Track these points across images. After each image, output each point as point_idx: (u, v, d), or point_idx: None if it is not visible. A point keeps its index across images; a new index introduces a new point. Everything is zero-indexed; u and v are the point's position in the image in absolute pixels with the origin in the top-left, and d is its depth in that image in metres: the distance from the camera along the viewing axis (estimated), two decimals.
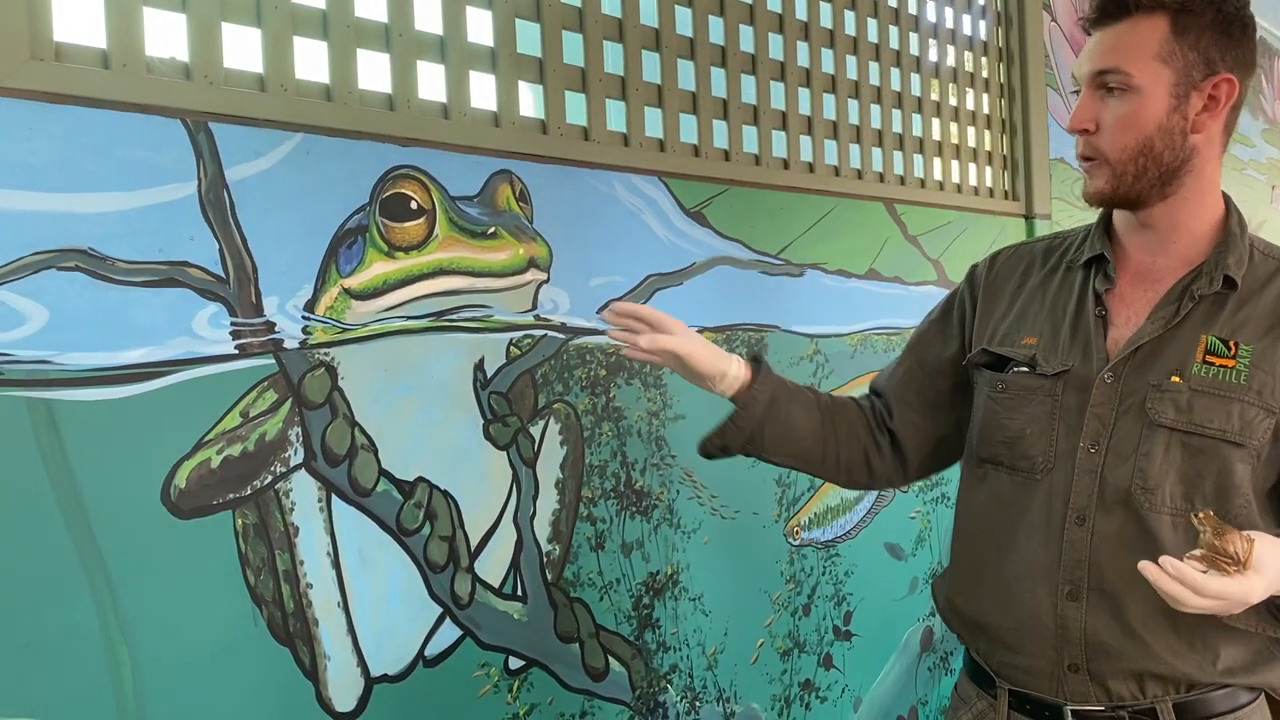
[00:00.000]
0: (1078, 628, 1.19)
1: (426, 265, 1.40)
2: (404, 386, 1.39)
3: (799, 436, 1.34)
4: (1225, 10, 1.16)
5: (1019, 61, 2.72)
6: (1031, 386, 1.25)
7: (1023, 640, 1.23)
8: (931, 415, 1.39)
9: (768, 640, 1.97)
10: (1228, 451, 1.15)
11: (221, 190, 1.21)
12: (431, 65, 1.45)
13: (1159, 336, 1.19)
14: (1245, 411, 1.14)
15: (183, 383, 1.18)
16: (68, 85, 1.10)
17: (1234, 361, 1.16)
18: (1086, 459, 1.20)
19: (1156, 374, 1.18)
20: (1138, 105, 1.16)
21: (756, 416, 1.31)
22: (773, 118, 2.00)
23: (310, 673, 1.29)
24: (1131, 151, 1.17)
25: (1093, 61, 1.18)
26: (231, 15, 1.24)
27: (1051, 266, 1.32)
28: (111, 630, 1.12)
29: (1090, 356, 1.22)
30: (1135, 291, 1.24)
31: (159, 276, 1.16)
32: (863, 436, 1.38)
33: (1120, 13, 1.17)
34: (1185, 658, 1.16)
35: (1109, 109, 1.17)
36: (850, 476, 1.40)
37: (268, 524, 1.25)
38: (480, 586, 1.47)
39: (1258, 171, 4.32)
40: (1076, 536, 1.19)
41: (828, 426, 1.36)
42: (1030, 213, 2.72)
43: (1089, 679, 1.20)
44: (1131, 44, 1.16)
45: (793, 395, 1.35)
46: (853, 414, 1.39)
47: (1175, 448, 1.16)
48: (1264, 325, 1.17)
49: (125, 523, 1.13)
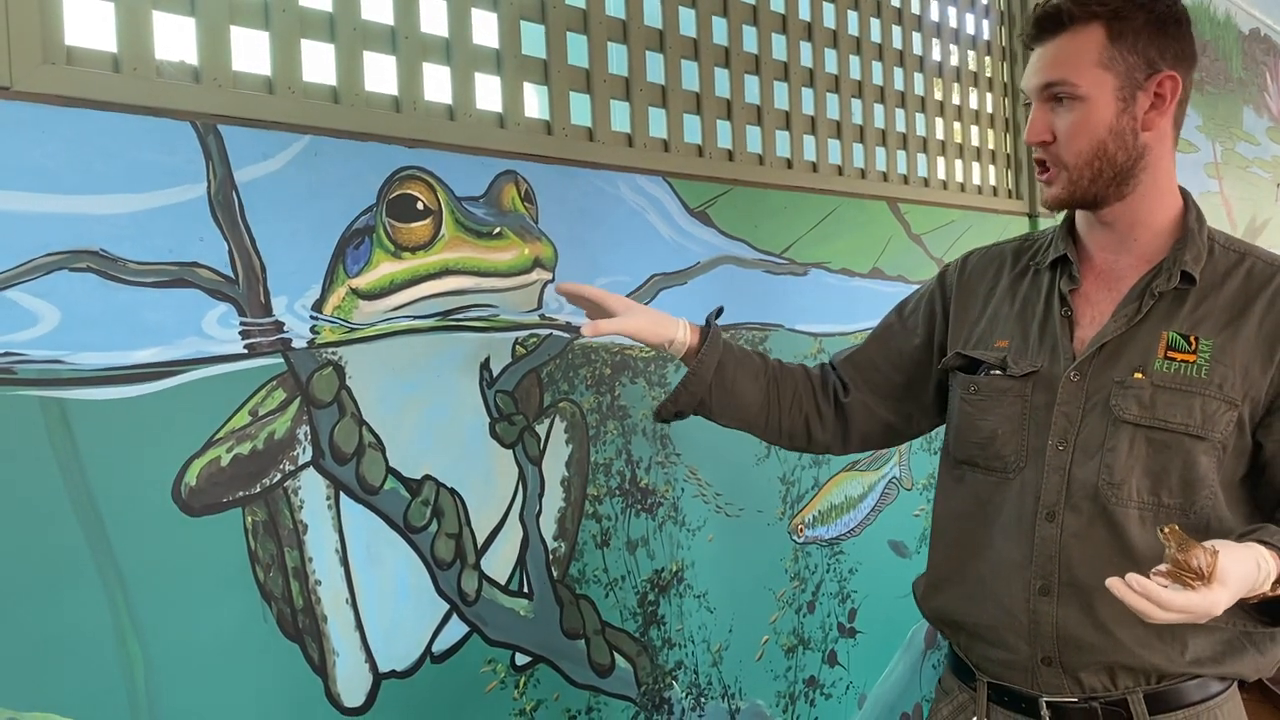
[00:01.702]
0: (1050, 622, 1.22)
1: (433, 265, 1.42)
2: (411, 385, 1.40)
3: (745, 403, 1.41)
4: (1157, 10, 1.20)
5: (1023, 61, 2.72)
6: (1002, 388, 1.28)
7: (999, 635, 1.26)
8: (883, 402, 1.46)
9: (772, 637, 1.98)
10: (1191, 445, 1.17)
11: (230, 191, 1.22)
12: (437, 67, 1.46)
13: (1122, 334, 1.22)
14: (1207, 405, 1.17)
15: (192, 382, 1.19)
16: (79, 88, 1.11)
17: (1195, 356, 1.19)
18: (1055, 456, 1.23)
19: (1120, 371, 1.21)
20: (1086, 112, 1.20)
21: (705, 381, 1.39)
22: (776, 117, 2.01)
23: (319, 669, 1.30)
24: (1086, 156, 1.21)
25: (1038, 76, 1.22)
26: (240, 19, 1.26)
27: (1021, 269, 1.35)
28: (124, 626, 1.13)
29: (1058, 356, 1.25)
30: (1099, 291, 1.27)
31: (169, 277, 1.17)
32: (805, 404, 1.44)
33: (1057, 27, 1.21)
34: (1154, 650, 1.19)
35: (1060, 119, 1.21)
36: (791, 441, 1.47)
37: (277, 521, 1.26)
38: (487, 583, 1.49)
39: (1262, 169, 4.32)
40: (1047, 533, 1.22)
41: (772, 392, 1.43)
42: (1033, 211, 2.73)
43: (1062, 671, 1.23)
44: (1072, 55, 1.20)
45: (740, 361, 1.42)
46: (799, 381, 1.45)
47: (1140, 443, 1.19)
48: (1223, 319, 1.20)
49: (137, 520, 1.14)
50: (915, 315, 1.45)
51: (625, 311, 1.39)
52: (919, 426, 1.49)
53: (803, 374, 1.46)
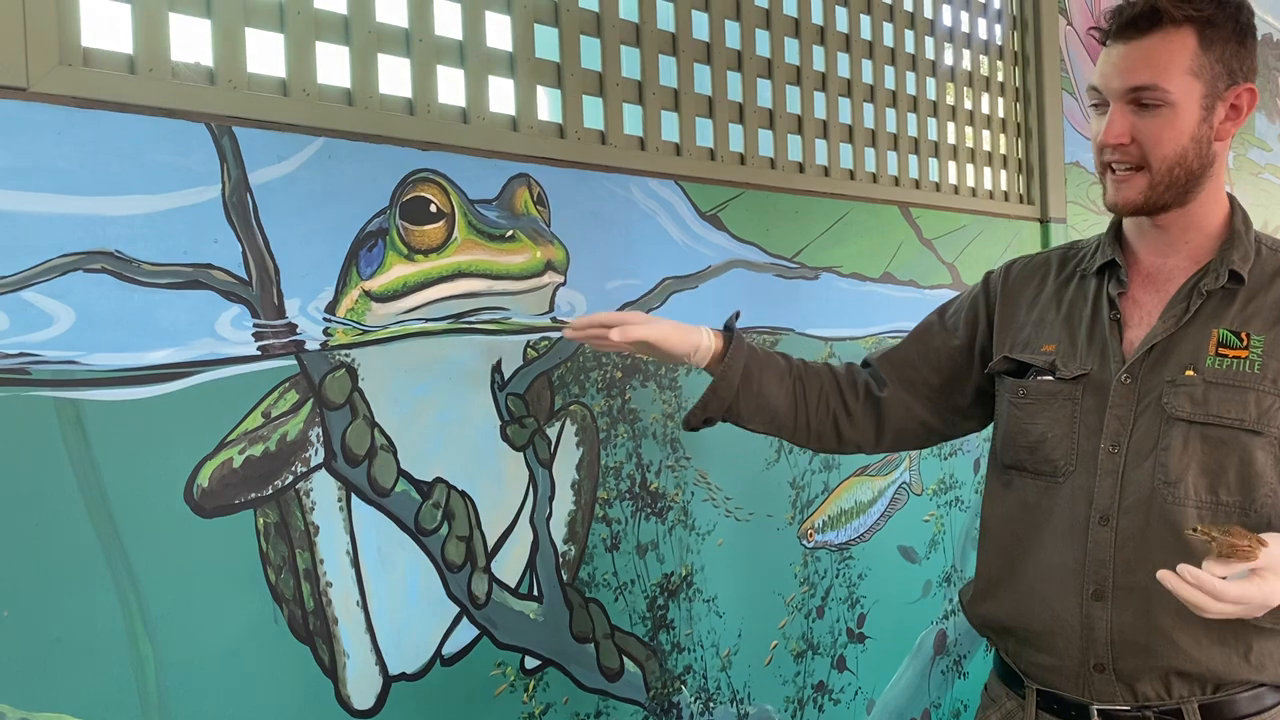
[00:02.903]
0: (1104, 627, 1.20)
1: (446, 268, 1.42)
2: (423, 388, 1.40)
3: (773, 405, 1.41)
4: (1241, 21, 1.19)
5: (1034, 65, 2.72)
6: (1052, 391, 1.27)
7: (1049, 641, 1.25)
8: (918, 401, 1.44)
9: (781, 642, 1.98)
10: (1247, 440, 1.16)
11: (245, 193, 1.23)
12: (451, 70, 1.46)
13: (1171, 335, 1.21)
14: (1261, 400, 1.16)
15: (206, 383, 1.19)
16: (95, 90, 1.11)
17: (1247, 352, 1.18)
18: (1108, 460, 1.21)
19: (1171, 370, 1.20)
20: (1173, 118, 1.17)
21: (733, 386, 1.38)
22: (788, 121, 2.01)
23: (329, 671, 1.30)
24: (1169, 162, 1.19)
25: (1124, 78, 1.18)
26: (255, 21, 1.26)
27: (1066, 275, 1.34)
28: (136, 627, 1.13)
29: (1108, 359, 1.24)
30: (1147, 293, 1.26)
31: (183, 278, 1.17)
32: (832, 402, 1.43)
33: (1149, 27, 1.17)
34: (1214, 654, 1.17)
35: (1145, 123, 1.18)
36: (821, 442, 1.45)
37: (288, 523, 1.26)
38: (497, 586, 1.49)
39: (1275, 175, 4.31)
40: (1100, 537, 1.21)
41: (799, 392, 1.42)
42: (1045, 216, 2.72)
43: (1115, 679, 1.21)
44: (1164, 59, 1.16)
45: (765, 365, 1.41)
46: (825, 379, 1.44)
47: (1194, 440, 1.17)
48: (1273, 316, 1.19)
49: (149, 521, 1.14)
50: (957, 317, 1.44)
51: (648, 323, 1.36)
52: (956, 429, 1.48)
53: (828, 372, 1.45)
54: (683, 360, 1.39)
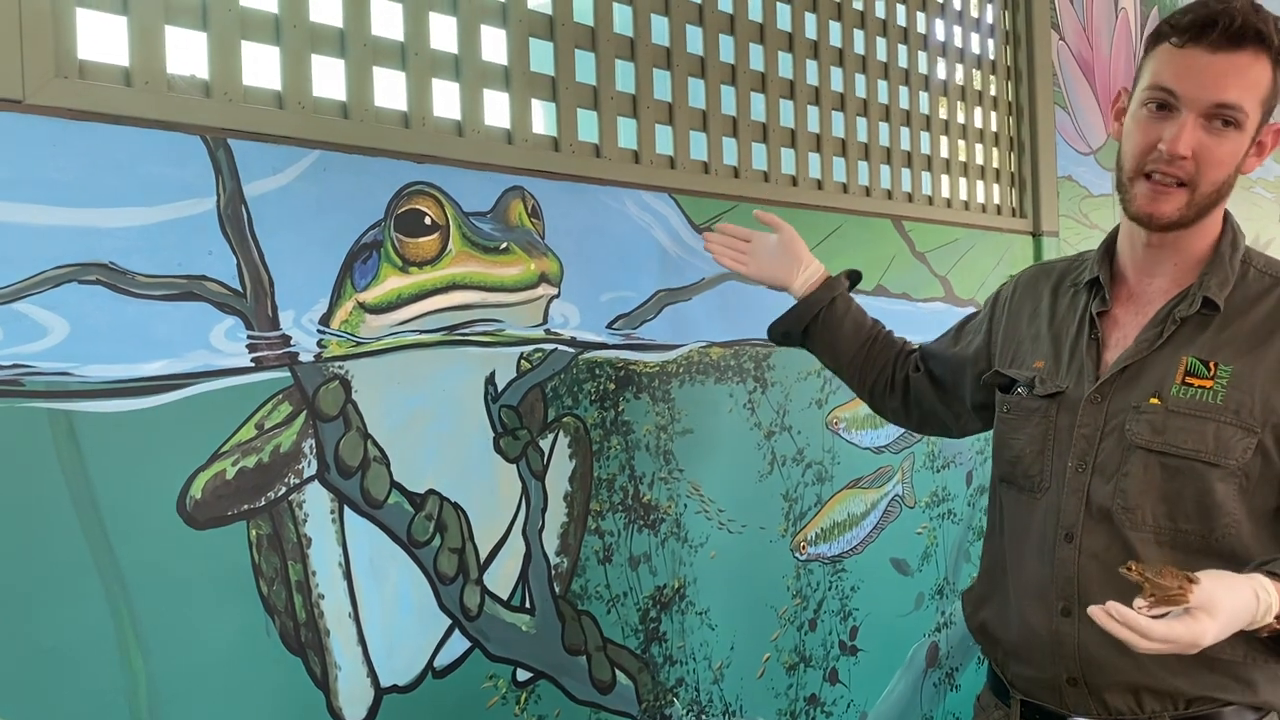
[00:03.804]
0: (1072, 643, 1.22)
1: (440, 280, 1.42)
2: (416, 400, 1.40)
3: (842, 347, 1.59)
4: None
5: (1027, 80, 2.74)
6: (1030, 407, 1.28)
7: (1028, 653, 1.26)
8: (937, 390, 1.55)
9: (774, 655, 1.98)
10: (1204, 471, 1.15)
11: (240, 206, 1.23)
12: (446, 83, 1.47)
13: (1144, 358, 1.21)
14: (1221, 431, 1.15)
15: (199, 395, 1.19)
16: (91, 102, 1.12)
17: (1211, 382, 1.17)
18: (1075, 478, 1.22)
19: (1137, 396, 1.20)
20: (1238, 143, 1.16)
21: (813, 310, 1.58)
22: (782, 135, 2.02)
23: (321, 683, 1.30)
24: (1216, 186, 1.17)
25: (1214, 91, 1.13)
26: (251, 34, 1.27)
27: (1064, 288, 1.35)
28: (127, 639, 1.13)
29: (1083, 378, 1.25)
30: (1128, 314, 1.27)
31: (178, 290, 1.18)
32: (887, 371, 1.59)
33: (1236, 43, 1.12)
34: (1178, 673, 1.17)
35: (1212, 141, 1.14)
36: (871, 400, 1.63)
37: (281, 535, 1.26)
38: (489, 598, 1.49)
39: (1266, 190, 4.33)
40: (1066, 554, 1.22)
41: (866, 350, 1.59)
42: (1038, 230, 2.73)
43: (1087, 692, 1.22)
44: (1250, 81, 1.13)
45: (849, 311, 1.59)
46: (892, 353, 1.60)
47: (1154, 468, 1.18)
48: (1246, 345, 1.18)
49: (142, 533, 1.14)
50: (972, 323, 1.53)
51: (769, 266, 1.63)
52: (966, 426, 1.55)
53: (896, 344, 1.61)
54: (789, 273, 1.62)
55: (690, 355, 1.80)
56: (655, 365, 1.73)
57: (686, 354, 1.80)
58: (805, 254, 1.62)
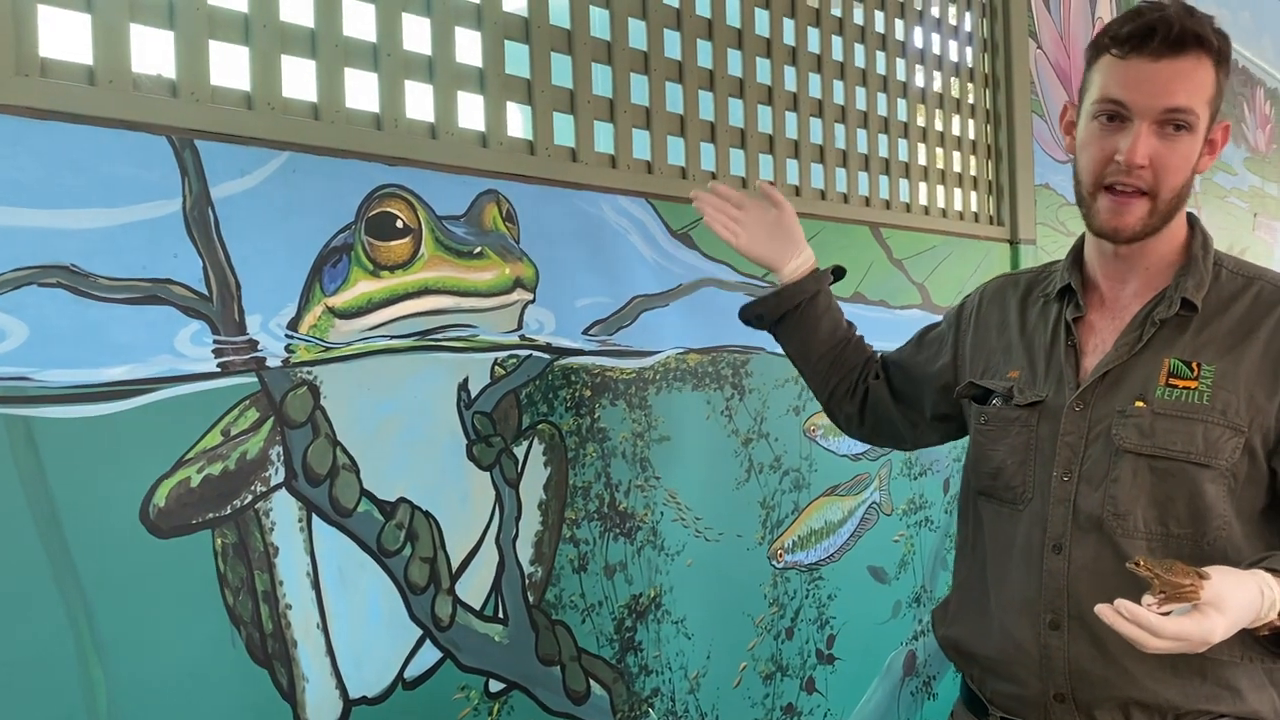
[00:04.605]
0: (1061, 657, 1.19)
1: (412, 284, 1.40)
2: (387, 406, 1.38)
3: (812, 343, 1.53)
4: (1231, 59, 1.19)
5: (1005, 88, 2.74)
6: (1010, 418, 1.27)
7: (1011, 670, 1.24)
8: (893, 401, 1.52)
9: (750, 664, 1.96)
10: (1195, 473, 1.15)
11: (206, 208, 1.20)
12: (420, 85, 1.45)
13: (1124, 363, 1.20)
14: (1209, 432, 1.14)
15: (164, 400, 1.17)
16: (53, 101, 1.09)
17: (1196, 383, 1.16)
18: (1060, 488, 1.21)
19: (1122, 400, 1.19)
20: (1191, 146, 1.16)
21: (795, 300, 1.51)
22: (760, 141, 2.01)
23: (288, 695, 1.27)
24: (1177, 189, 1.17)
25: (1163, 97, 1.13)
26: (219, 33, 1.24)
27: (1033, 298, 1.34)
28: (86, 650, 1.10)
29: (1063, 386, 1.23)
30: (1104, 320, 1.26)
31: (141, 294, 1.15)
32: (852, 377, 1.55)
33: (1178, 48, 1.13)
34: (1169, 684, 1.16)
35: (1166, 147, 1.15)
36: (828, 402, 1.58)
37: (247, 544, 1.24)
38: (461, 608, 1.46)
39: (1240, 199, 4.36)
40: (1054, 565, 1.20)
41: (837, 351, 1.54)
42: (1015, 238, 2.74)
43: (1075, 708, 1.20)
44: (1196, 84, 1.14)
45: (829, 308, 1.54)
46: (860, 359, 1.56)
47: (1143, 472, 1.16)
48: (1227, 344, 1.18)
49: (103, 542, 1.12)
50: (933, 334, 1.51)
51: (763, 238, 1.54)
52: (922, 437, 1.53)
53: (867, 355, 1.57)
54: (784, 254, 1.54)
55: (667, 362, 1.79)
56: (632, 371, 1.72)
57: (663, 360, 1.78)
58: (801, 238, 1.54)
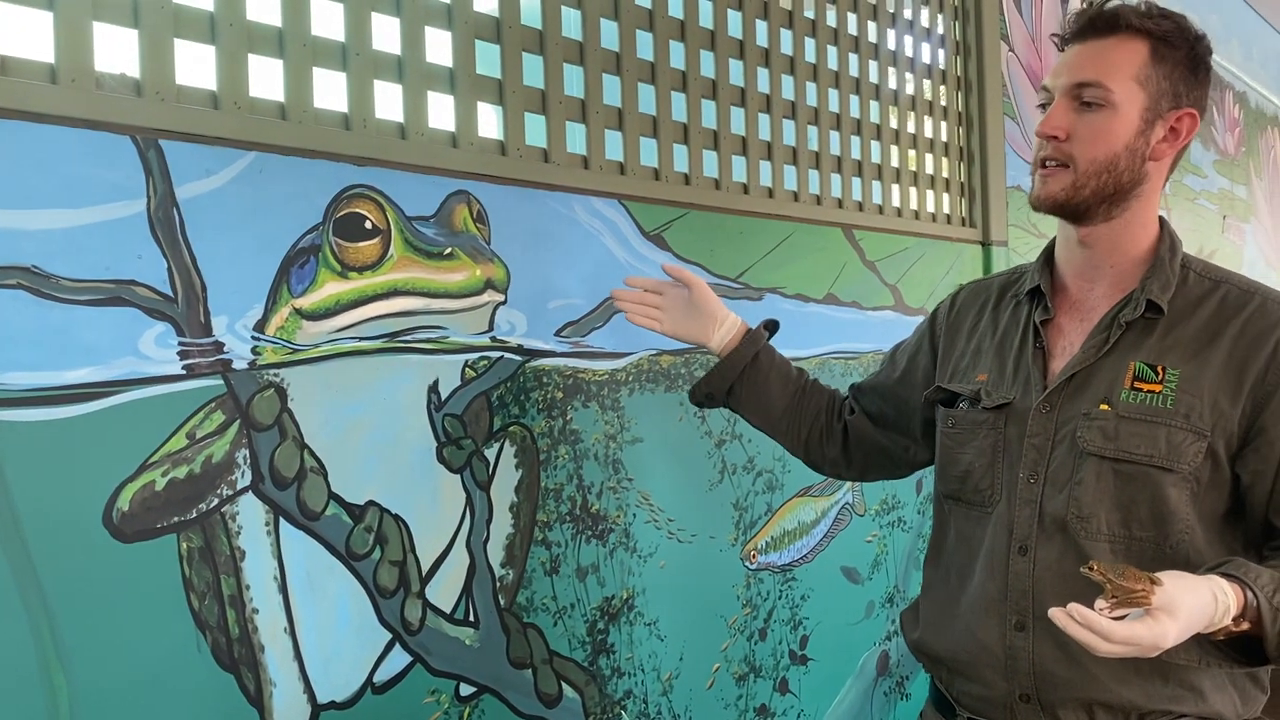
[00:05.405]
0: (1026, 658, 1.20)
1: (381, 285, 1.39)
2: (356, 408, 1.37)
3: (770, 403, 1.52)
4: (1197, 50, 1.21)
5: (977, 90, 2.76)
6: (977, 420, 1.27)
7: (977, 671, 1.25)
8: (877, 429, 1.51)
9: (723, 665, 1.96)
10: (1158, 477, 1.15)
11: (171, 208, 1.19)
12: (389, 85, 1.44)
13: (1090, 365, 1.21)
14: (1173, 436, 1.15)
15: (127, 403, 1.15)
16: (14, 100, 1.07)
17: (1161, 386, 1.17)
18: (1026, 489, 1.22)
19: (1087, 402, 1.20)
20: (1112, 121, 1.18)
21: (738, 369, 1.50)
22: (733, 142, 2.01)
23: (255, 700, 1.26)
24: (1098, 165, 1.19)
25: (1072, 73, 1.20)
26: (185, 31, 1.23)
27: (1005, 301, 1.35)
28: (48, 656, 1.09)
29: (1030, 388, 1.24)
30: (1071, 322, 1.27)
31: (105, 295, 1.13)
32: (821, 419, 1.54)
33: (1105, 30, 1.19)
34: (1132, 685, 1.17)
35: (1083, 121, 1.19)
36: (807, 454, 1.57)
37: (213, 548, 1.22)
38: (431, 612, 1.45)
39: (1209, 201, 4.41)
40: (1020, 567, 1.21)
41: (796, 401, 1.53)
42: (987, 239, 2.75)
43: (1040, 709, 1.21)
44: (1114, 61, 1.18)
45: (776, 365, 1.52)
46: (823, 400, 1.55)
47: (1107, 475, 1.17)
48: (1192, 348, 1.18)
49: (65, 546, 1.10)
50: (905, 348, 1.50)
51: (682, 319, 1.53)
52: (915, 458, 1.51)
53: (826, 394, 1.56)
54: (705, 328, 1.53)
55: (640, 363, 1.79)
56: (604, 373, 1.71)
57: (636, 362, 1.78)
58: (719, 308, 1.53)
